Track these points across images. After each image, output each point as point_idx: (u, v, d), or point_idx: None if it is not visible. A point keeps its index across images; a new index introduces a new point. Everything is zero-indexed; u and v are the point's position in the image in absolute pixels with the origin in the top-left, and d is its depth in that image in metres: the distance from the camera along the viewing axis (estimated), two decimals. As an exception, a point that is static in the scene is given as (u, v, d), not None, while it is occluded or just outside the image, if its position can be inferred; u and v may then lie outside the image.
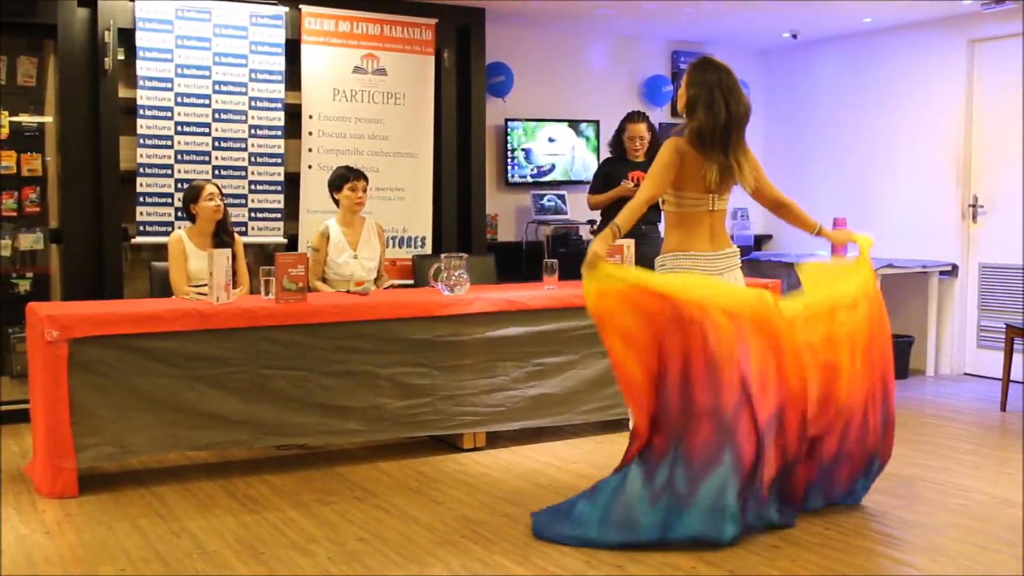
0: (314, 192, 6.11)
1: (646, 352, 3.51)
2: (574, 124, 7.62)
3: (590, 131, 7.66)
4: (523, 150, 7.43)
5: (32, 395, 4.42)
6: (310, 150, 6.18)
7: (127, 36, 5.71)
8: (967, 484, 4.36)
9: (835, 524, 3.76)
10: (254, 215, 6.03)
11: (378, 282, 5.49)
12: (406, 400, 4.72)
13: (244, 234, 5.85)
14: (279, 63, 6.04)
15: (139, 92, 5.70)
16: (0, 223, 5.80)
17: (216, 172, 5.89)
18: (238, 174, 5.97)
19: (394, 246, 6.37)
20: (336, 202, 5.47)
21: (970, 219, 7.04)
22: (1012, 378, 6.01)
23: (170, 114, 5.78)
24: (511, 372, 4.92)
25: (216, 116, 5.90)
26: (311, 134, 6.17)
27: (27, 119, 5.91)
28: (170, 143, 5.79)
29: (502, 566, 3.38)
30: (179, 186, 5.74)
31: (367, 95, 6.33)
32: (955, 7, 6.69)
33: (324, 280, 5.40)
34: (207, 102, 5.87)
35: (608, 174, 6.10)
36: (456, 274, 4.91)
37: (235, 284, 4.99)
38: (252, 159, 6.01)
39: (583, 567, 3.35)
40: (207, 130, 5.88)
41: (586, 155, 7.65)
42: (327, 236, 5.40)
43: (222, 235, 5.16)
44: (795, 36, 7.80)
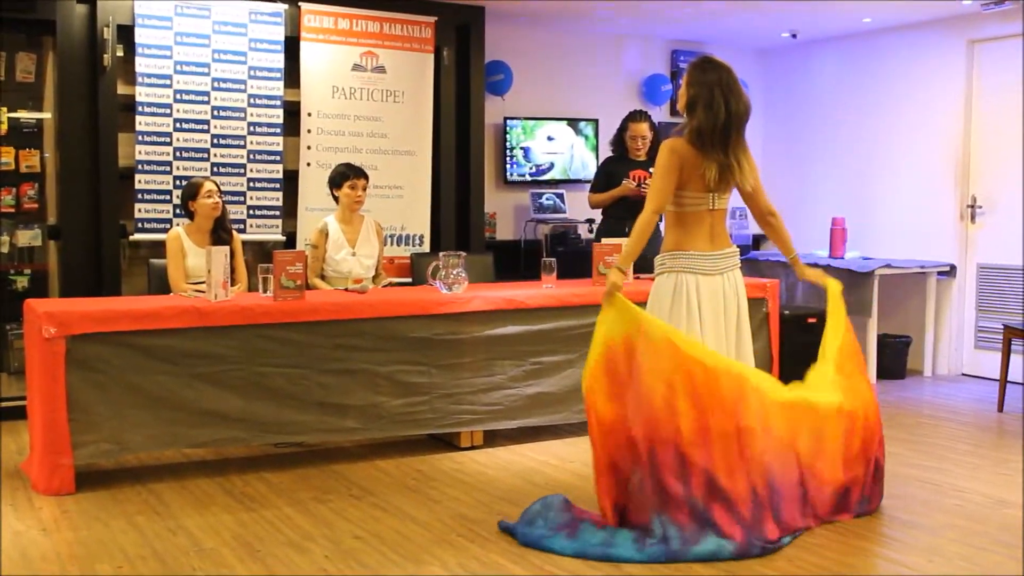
0: (313, 190, 6.11)
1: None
2: (573, 123, 7.61)
3: (589, 130, 7.65)
4: (522, 148, 7.43)
5: (29, 392, 4.41)
6: (309, 148, 6.17)
7: (126, 32, 5.70)
8: (964, 485, 4.36)
9: (832, 524, 3.75)
10: (252, 212, 6.02)
11: (376, 280, 5.48)
12: (404, 398, 4.72)
13: (242, 231, 5.85)
14: (278, 60, 6.03)
15: (138, 89, 5.70)
16: (-2, 219, 5.81)
17: (215, 169, 5.88)
18: (237, 171, 5.97)
19: (392, 244, 6.36)
20: (335, 199, 5.47)
21: (968, 220, 7.04)
22: (1010, 379, 6.01)
23: (169, 111, 5.77)
24: (509, 371, 4.92)
25: (215, 113, 5.89)
26: (310, 132, 6.17)
27: (26, 115, 5.91)
28: (169, 140, 5.78)
29: (499, 565, 3.38)
30: (177, 183, 5.74)
31: (366, 93, 6.32)
32: (955, 7, 6.68)
33: (323, 277, 5.40)
34: (206, 99, 5.86)
35: (610, 173, 6.10)
36: (454, 272, 4.91)
37: (233, 282, 4.98)
38: (251, 156, 6.00)
39: (581, 567, 3.35)
40: (206, 127, 5.87)
41: (585, 154, 7.65)
42: (326, 233, 5.40)
43: (220, 232, 5.16)
44: (795, 36, 7.80)
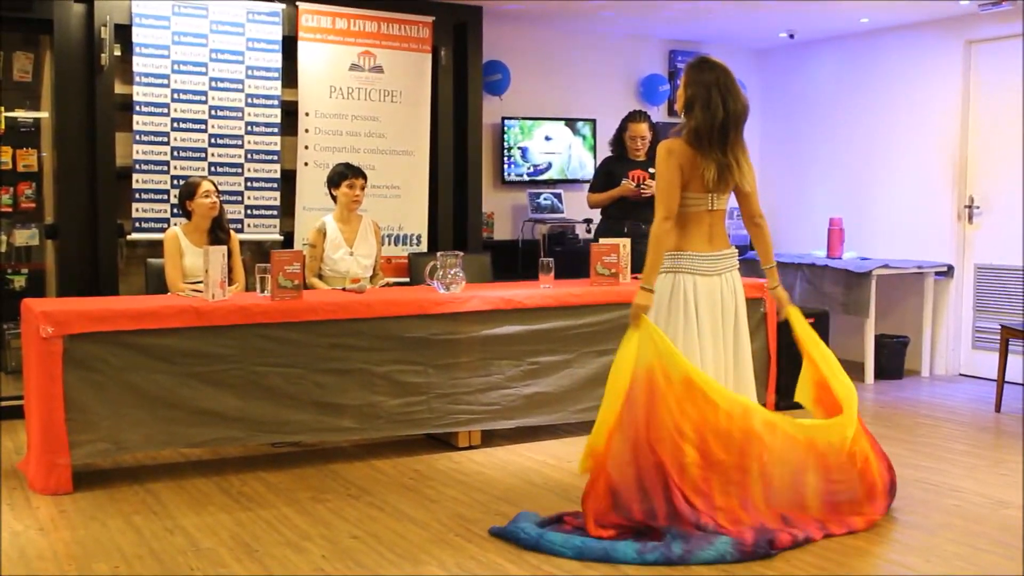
0: (310, 189, 6.11)
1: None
2: (571, 123, 7.61)
3: (587, 130, 7.65)
4: (519, 148, 7.43)
5: (27, 391, 4.41)
6: (306, 147, 6.17)
7: (123, 32, 5.69)
8: (961, 485, 4.36)
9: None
10: (250, 212, 6.02)
11: (374, 280, 5.48)
12: (401, 398, 4.71)
13: (240, 231, 5.84)
14: (276, 60, 6.03)
15: (135, 88, 5.69)
16: (-4, 219, 5.81)
17: (212, 169, 5.88)
18: (234, 171, 5.97)
19: (390, 244, 6.36)
20: (333, 199, 5.46)
21: (966, 220, 7.04)
22: (1007, 379, 6.01)
23: (166, 110, 5.77)
24: (506, 370, 4.92)
25: (212, 113, 5.89)
26: (307, 131, 6.16)
27: (23, 115, 5.91)
28: (166, 139, 5.78)
29: (497, 565, 3.38)
30: (175, 182, 5.73)
31: (364, 92, 6.32)
32: (952, 8, 6.69)
33: (320, 277, 5.40)
34: (203, 99, 5.86)
35: (609, 173, 6.10)
36: (452, 272, 4.91)
37: (231, 281, 4.99)
38: (248, 156, 6.00)
39: (579, 567, 3.35)
40: (203, 127, 5.87)
41: (583, 154, 7.65)
42: (324, 232, 5.40)
43: (218, 232, 5.16)
44: (792, 36, 7.80)
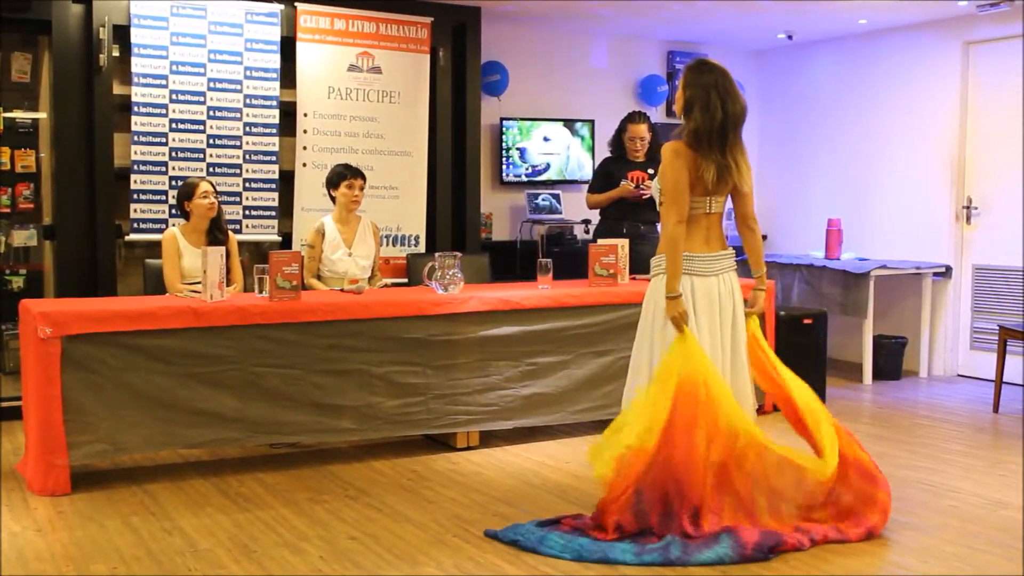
0: (308, 190, 6.11)
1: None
2: (569, 123, 7.61)
3: (585, 131, 7.65)
4: (518, 149, 7.43)
5: (25, 392, 4.41)
6: (305, 148, 6.17)
7: (122, 32, 5.69)
8: (959, 485, 4.37)
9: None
10: (248, 213, 6.02)
11: (372, 281, 5.48)
12: (399, 399, 4.71)
13: (238, 232, 5.84)
14: (274, 60, 6.03)
15: (133, 89, 5.69)
16: (-6, 219, 5.81)
17: (210, 169, 5.88)
18: (232, 172, 5.97)
19: (388, 244, 6.36)
20: (332, 199, 5.46)
21: (964, 221, 7.05)
22: (1005, 380, 6.01)
23: (164, 111, 5.77)
24: (504, 371, 4.92)
25: (211, 113, 5.89)
26: (306, 132, 6.16)
27: (21, 115, 5.91)
28: (164, 140, 5.78)
29: (495, 566, 3.38)
30: (173, 183, 5.73)
31: (362, 93, 6.32)
32: (950, 9, 6.69)
33: (319, 278, 5.40)
34: (202, 99, 5.86)
35: (608, 174, 6.10)
36: (450, 273, 4.91)
37: (229, 282, 4.99)
38: (246, 157, 6.00)
39: (577, 567, 3.35)
40: (201, 127, 5.87)
41: (581, 155, 7.65)
42: (322, 233, 5.40)
43: (216, 233, 5.16)
44: (790, 37, 7.80)
